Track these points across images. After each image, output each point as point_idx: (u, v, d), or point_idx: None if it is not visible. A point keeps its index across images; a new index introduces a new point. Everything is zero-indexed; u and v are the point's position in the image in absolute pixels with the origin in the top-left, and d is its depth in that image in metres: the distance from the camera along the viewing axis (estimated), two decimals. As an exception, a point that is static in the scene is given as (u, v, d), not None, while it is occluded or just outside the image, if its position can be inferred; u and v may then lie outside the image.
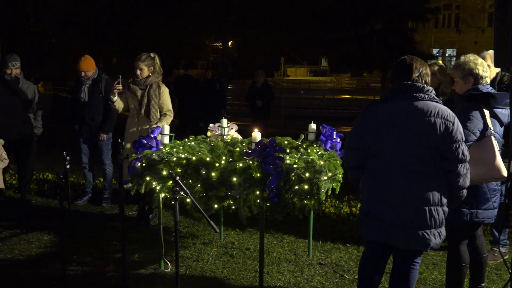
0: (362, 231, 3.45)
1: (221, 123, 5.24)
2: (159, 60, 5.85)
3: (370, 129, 3.34)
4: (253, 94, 11.33)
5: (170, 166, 4.17)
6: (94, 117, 6.46)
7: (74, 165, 4.52)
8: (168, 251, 4.85)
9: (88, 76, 6.43)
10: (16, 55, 6.44)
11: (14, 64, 6.34)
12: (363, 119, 3.42)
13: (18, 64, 6.40)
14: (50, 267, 4.67)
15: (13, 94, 6.34)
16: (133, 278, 4.40)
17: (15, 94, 6.35)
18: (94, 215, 6.31)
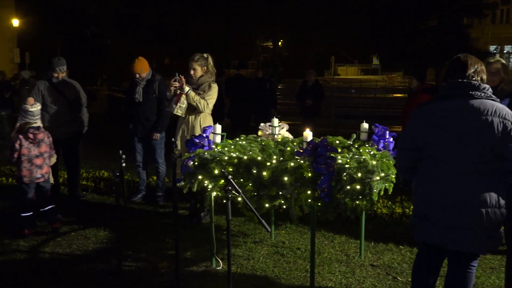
0: (416, 233, 3.37)
1: (272, 122, 5.26)
2: (212, 60, 5.93)
3: (424, 129, 3.26)
4: (303, 94, 11.29)
5: (221, 165, 4.22)
6: (148, 117, 6.61)
7: (128, 163, 4.65)
8: (219, 249, 4.91)
9: (142, 77, 6.59)
10: (63, 59, 6.67)
11: (61, 69, 6.59)
12: (416, 118, 3.34)
13: (65, 68, 6.66)
14: (107, 262, 4.81)
15: (60, 95, 6.58)
16: (185, 275, 4.47)
17: (62, 95, 6.59)
18: (147, 213, 6.46)
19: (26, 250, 5.14)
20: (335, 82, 35.11)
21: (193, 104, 5.73)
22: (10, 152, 5.39)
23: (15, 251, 5.12)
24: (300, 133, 4.57)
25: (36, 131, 5.41)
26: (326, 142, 3.93)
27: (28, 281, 4.44)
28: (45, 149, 5.49)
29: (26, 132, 5.38)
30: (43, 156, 5.47)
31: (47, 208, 5.60)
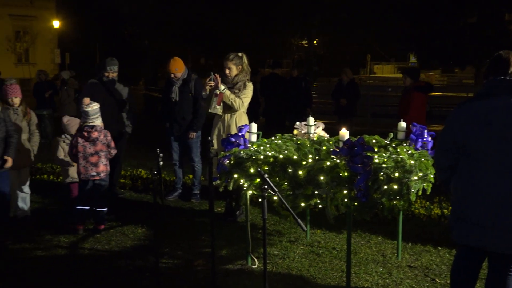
0: (454, 234, 3.30)
1: (307, 121, 5.23)
2: (246, 59, 5.95)
3: (464, 128, 3.18)
4: (339, 92, 11.20)
5: (257, 164, 4.22)
6: (184, 116, 6.68)
7: (165, 162, 4.71)
8: (254, 247, 4.92)
9: (177, 77, 6.66)
10: (115, 60, 6.81)
11: (113, 69, 6.72)
12: (455, 117, 3.26)
13: (116, 69, 6.78)
14: (144, 259, 4.89)
15: (109, 95, 6.71)
16: (221, 273, 4.51)
17: (111, 95, 6.73)
18: (183, 211, 6.53)
19: (67, 246, 5.27)
20: (371, 81, 34.67)
21: (228, 102, 5.76)
22: (69, 148, 5.67)
23: (56, 246, 5.26)
24: (336, 132, 4.54)
25: (90, 129, 5.54)
26: (363, 141, 3.89)
27: (68, 276, 4.55)
28: (101, 147, 5.60)
29: (81, 130, 5.55)
30: (99, 155, 5.58)
31: (100, 209, 5.71)
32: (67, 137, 5.98)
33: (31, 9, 33.86)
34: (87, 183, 5.61)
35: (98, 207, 5.68)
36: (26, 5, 33.30)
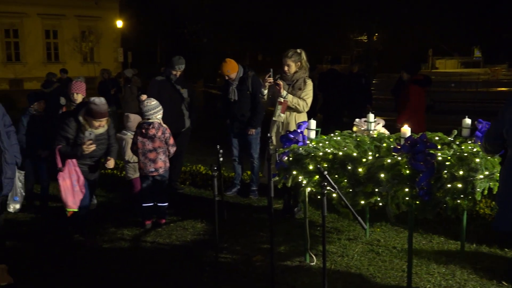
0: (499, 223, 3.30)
1: (367, 118, 5.16)
2: (305, 55, 5.92)
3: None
4: (399, 88, 10.92)
5: (316, 161, 4.20)
6: (243, 113, 6.74)
7: (224, 158, 4.78)
8: (313, 244, 4.90)
9: (232, 78, 6.72)
10: (183, 59, 6.95)
11: (180, 68, 6.88)
12: (507, 109, 3.28)
13: (183, 67, 6.93)
14: (203, 253, 4.98)
15: (174, 92, 6.87)
16: (280, 269, 4.52)
17: (176, 92, 6.88)
18: (242, 206, 6.60)
19: (129, 239, 5.44)
20: (433, 76, 33.60)
21: (292, 106, 5.78)
22: (131, 144, 5.86)
23: (120, 239, 5.44)
24: (396, 129, 4.45)
25: (148, 126, 5.67)
26: (426, 138, 3.79)
27: (130, 267, 4.70)
28: (159, 144, 5.71)
29: (140, 127, 5.72)
30: (157, 151, 5.70)
31: (161, 204, 5.86)
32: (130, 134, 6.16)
33: (96, 10, 35.09)
34: (147, 178, 5.77)
35: (159, 202, 5.82)
36: (91, 6, 34.55)
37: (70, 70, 15.21)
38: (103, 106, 5.01)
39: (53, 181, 7.43)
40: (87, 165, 5.35)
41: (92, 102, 4.97)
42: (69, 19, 34.53)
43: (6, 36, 32.97)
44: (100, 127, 5.19)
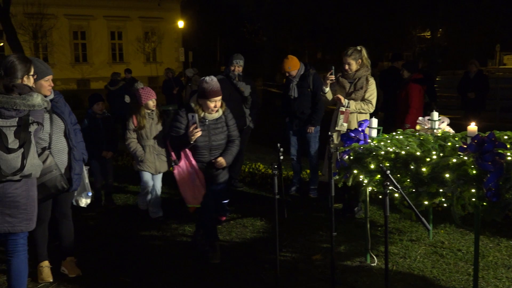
0: None
1: (431, 116, 5.01)
2: (366, 52, 5.83)
3: None
4: (465, 86, 10.57)
5: (378, 160, 4.13)
6: (303, 111, 6.72)
7: (283, 156, 4.79)
8: (374, 245, 4.82)
9: (292, 75, 6.70)
10: (241, 55, 7.04)
11: (238, 62, 6.95)
12: None
13: (241, 63, 7.00)
14: (263, 251, 5.00)
15: (234, 90, 6.94)
16: (340, 269, 4.47)
17: (236, 90, 6.95)
18: (301, 205, 6.57)
19: (190, 235, 5.54)
20: (501, 73, 32.24)
21: (357, 112, 5.72)
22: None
23: (181, 235, 5.55)
24: (462, 127, 4.30)
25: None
26: (494, 137, 3.64)
27: (190, 263, 4.79)
28: None
29: None
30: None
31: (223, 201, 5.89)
32: None
33: (159, 11, 35.98)
34: None
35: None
36: (154, 7, 35.46)
37: (134, 70, 15.71)
38: (215, 83, 4.67)
39: (119, 183, 7.72)
40: (206, 163, 4.85)
41: (203, 81, 4.70)
42: (133, 21, 35.60)
43: (74, 38, 34.40)
44: (215, 109, 4.76)
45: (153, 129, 5.93)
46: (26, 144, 3.40)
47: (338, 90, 5.92)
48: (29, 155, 3.42)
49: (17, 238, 3.64)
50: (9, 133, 3.36)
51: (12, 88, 3.42)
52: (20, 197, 3.51)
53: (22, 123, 3.40)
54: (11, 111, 3.37)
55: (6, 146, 3.33)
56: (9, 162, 3.33)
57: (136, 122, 5.90)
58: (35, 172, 3.52)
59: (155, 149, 5.95)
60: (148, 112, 5.92)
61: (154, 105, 5.96)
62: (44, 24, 30.71)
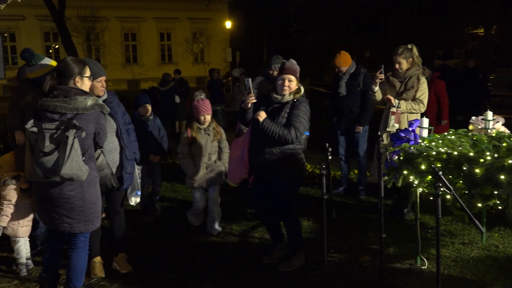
0: None
1: (485, 115, 4.86)
2: (416, 50, 5.71)
3: None
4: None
5: (429, 161, 4.04)
6: (352, 110, 6.65)
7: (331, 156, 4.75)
8: (424, 247, 4.72)
9: (342, 71, 6.64)
10: (281, 58, 6.97)
11: (277, 67, 6.89)
12: None
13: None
14: (310, 251, 4.97)
15: None
16: (389, 271, 4.40)
17: None
18: (349, 206, 6.51)
19: (238, 234, 5.58)
20: (561, 71, 30.85)
21: (408, 112, 5.63)
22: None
23: (229, 234, 5.60)
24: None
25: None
26: (553, 137, 3.49)
27: (237, 262, 4.82)
28: None
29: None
30: None
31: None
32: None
33: (207, 12, 36.35)
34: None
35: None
36: (203, 8, 35.85)
37: (182, 70, 15.95)
38: (293, 64, 4.51)
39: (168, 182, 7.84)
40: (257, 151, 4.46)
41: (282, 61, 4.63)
42: (182, 22, 36.12)
43: (125, 40, 35.24)
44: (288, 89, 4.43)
45: (209, 146, 5.50)
46: (61, 147, 3.40)
47: (388, 89, 5.83)
48: (68, 158, 3.41)
49: (78, 235, 3.77)
50: (47, 136, 3.41)
51: (53, 90, 3.49)
52: (75, 198, 3.60)
53: (62, 126, 3.43)
54: (53, 114, 3.44)
55: (41, 149, 3.38)
56: (43, 165, 3.39)
57: (190, 136, 5.48)
58: (77, 176, 3.49)
59: (209, 166, 5.53)
60: (203, 127, 5.50)
61: (208, 120, 5.49)
62: (97, 27, 31.61)
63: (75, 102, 3.48)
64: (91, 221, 3.72)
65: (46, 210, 3.65)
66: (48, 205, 3.60)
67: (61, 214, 3.61)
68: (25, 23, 31.18)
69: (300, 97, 4.44)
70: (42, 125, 3.42)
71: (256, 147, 4.47)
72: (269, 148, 4.36)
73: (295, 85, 4.43)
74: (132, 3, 33.42)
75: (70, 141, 3.42)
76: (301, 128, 4.30)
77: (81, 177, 3.54)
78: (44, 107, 3.43)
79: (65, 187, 3.55)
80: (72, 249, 3.80)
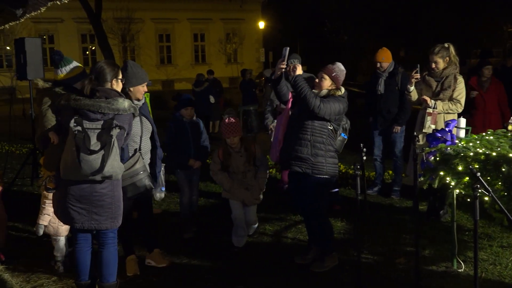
0: None
1: (525, 115, 4.74)
2: (454, 49, 5.61)
3: None
4: None
5: (466, 161, 3.95)
6: (389, 109, 6.57)
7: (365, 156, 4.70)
8: (461, 250, 4.63)
9: (383, 67, 6.56)
10: (296, 54, 6.87)
11: (293, 62, 6.82)
12: None
13: (297, 62, 6.85)
14: (344, 252, 4.93)
15: None
16: (424, 274, 4.33)
17: None
18: (383, 207, 6.44)
19: (271, 234, 5.58)
20: None
21: (445, 112, 5.54)
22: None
23: (262, 234, 5.59)
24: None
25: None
26: None
27: (272, 263, 4.82)
28: None
29: None
30: None
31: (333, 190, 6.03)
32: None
33: (240, 12, 36.48)
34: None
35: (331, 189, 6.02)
36: (236, 9, 36.00)
37: (215, 70, 16.08)
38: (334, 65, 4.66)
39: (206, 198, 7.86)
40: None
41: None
42: (215, 23, 36.37)
43: (159, 41, 35.71)
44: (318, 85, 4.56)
45: (241, 166, 5.17)
46: (106, 146, 3.52)
47: (424, 89, 5.74)
48: (110, 157, 3.52)
49: (106, 232, 3.85)
50: (92, 135, 3.52)
51: (96, 92, 3.60)
52: (106, 196, 3.69)
53: (106, 126, 3.56)
54: (97, 114, 3.56)
55: (88, 147, 3.49)
56: (89, 163, 3.48)
57: (221, 156, 5.18)
58: (116, 174, 3.61)
59: (243, 184, 5.20)
60: (234, 150, 5.16)
61: (235, 142, 5.13)
62: (132, 28, 32.14)
63: (116, 103, 3.60)
64: (117, 219, 3.81)
65: (74, 208, 3.70)
66: (77, 202, 3.68)
67: (91, 211, 3.70)
68: (63, 25, 31.95)
69: (337, 95, 4.51)
70: (85, 124, 3.54)
71: (290, 137, 4.55)
72: (301, 140, 4.44)
73: (327, 83, 4.52)
74: (166, 5, 33.83)
75: (113, 141, 3.54)
76: (327, 105, 4.33)
77: (118, 175, 3.66)
78: (87, 107, 3.54)
79: (98, 185, 3.65)
80: (103, 246, 3.88)
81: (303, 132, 4.43)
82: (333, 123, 4.48)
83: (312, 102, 4.28)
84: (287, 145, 4.57)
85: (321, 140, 4.42)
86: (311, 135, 4.41)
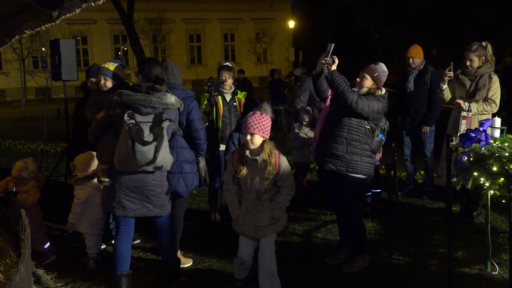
0: None
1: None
2: (491, 49, 5.49)
3: None
4: None
5: (501, 162, 3.87)
6: (418, 109, 6.48)
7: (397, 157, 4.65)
8: (495, 252, 4.54)
9: (415, 64, 6.46)
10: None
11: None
12: None
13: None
14: (375, 253, 4.89)
15: None
16: (457, 276, 4.26)
17: None
18: (414, 208, 6.35)
19: (301, 234, 5.57)
20: None
21: (479, 114, 5.44)
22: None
23: (292, 233, 5.59)
24: None
25: None
26: None
27: (299, 263, 4.81)
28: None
29: None
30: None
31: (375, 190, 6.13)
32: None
33: (270, 12, 36.56)
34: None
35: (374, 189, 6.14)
36: (266, 8, 36.10)
37: (245, 70, 16.14)
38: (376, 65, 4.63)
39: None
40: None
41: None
42: (245, 23, 36.52)
43: (190, 41, 36.05)
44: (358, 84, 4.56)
45: (256, 180, 3.86)
46: (158, 138, 3.74)
47: (457, 88, 5.64)
48: (161, 148, 3.76)
49: (161, 219, 4.11)
50: (145, 128, 3.73)
51: (154, 88, 3.84)
52: (157, 186, 3.95)
53: (157, 119, 3.78)
54: (148, 108, 3.78)
55: (142, 139, 3.69)
56: (144, 154, 3.70)
57: (235, 164, 3.94)
58: (166, 164, 3.86)
59: (256, 207, 3.94)
60: (251, 156, 3.85)
61: (254, 144, 3.80)
62: (163, 29, 32.55)
63: (165, 98, 3.87)
64: (165, 206, 4.06)
65: (127, 198, 3.91)
66: (130, 192, 3.90)
67: (142, 200, 3.93)
68: (96, 26, 32.57)
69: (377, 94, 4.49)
70: (137, 118, 3.74)
71: (327, 134, 4.51)
72: (337, 138, 4.40)
73: (368, 83, 4.51)
74: (197, 5, 34.15)
75: (164, 133, 3.79)
76: (365, 102, 4.29)
77: (168, 166, 3.92)
78: (139, 102, 3.76)
79: (150, 175, 3.89)
80: (160, 229, 4.14)
81: (340, 129, 4.39)
82: (371, 122, 4.44)
83: (350, 96, 4.26)
84: (323, 141, 4.53)
85: (357, 138, 4.38)
86: (347, 133, 4.36)
